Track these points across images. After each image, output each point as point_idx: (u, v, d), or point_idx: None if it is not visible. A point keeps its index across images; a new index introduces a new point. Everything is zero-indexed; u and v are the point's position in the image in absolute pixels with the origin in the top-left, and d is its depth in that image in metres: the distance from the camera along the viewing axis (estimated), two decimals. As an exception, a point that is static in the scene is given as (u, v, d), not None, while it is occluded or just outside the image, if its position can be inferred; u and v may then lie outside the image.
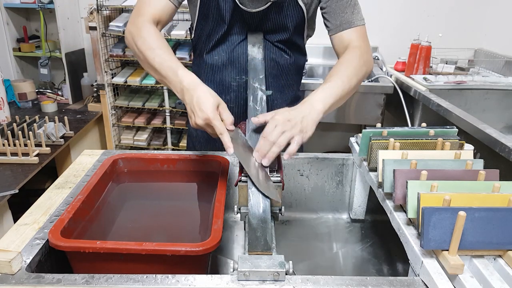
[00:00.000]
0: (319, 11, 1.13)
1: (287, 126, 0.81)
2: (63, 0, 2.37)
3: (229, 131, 0.82)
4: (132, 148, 2.49)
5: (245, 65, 1.12)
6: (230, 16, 1.06)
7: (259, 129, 0.87)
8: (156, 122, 2.46)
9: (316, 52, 2.44)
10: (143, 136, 2.48)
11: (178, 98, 2.47)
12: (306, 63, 1.33)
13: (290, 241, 1.07)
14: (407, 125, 1.75)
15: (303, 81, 1.93)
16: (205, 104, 0.82)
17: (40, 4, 2.35)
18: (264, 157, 0.80)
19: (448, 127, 0.93)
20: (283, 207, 0.80)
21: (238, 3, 1.03)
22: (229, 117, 0.84)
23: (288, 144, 0.82)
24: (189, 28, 1.15)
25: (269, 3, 1.02)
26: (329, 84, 0.94)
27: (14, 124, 1.86)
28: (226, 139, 0.81)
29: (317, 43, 1.71)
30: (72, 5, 2.50)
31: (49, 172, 2.15)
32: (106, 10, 2.28)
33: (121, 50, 2.32)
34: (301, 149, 1.34)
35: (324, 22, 1.12)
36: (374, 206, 1.09)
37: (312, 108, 0.88)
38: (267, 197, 0.75)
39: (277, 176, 0.79)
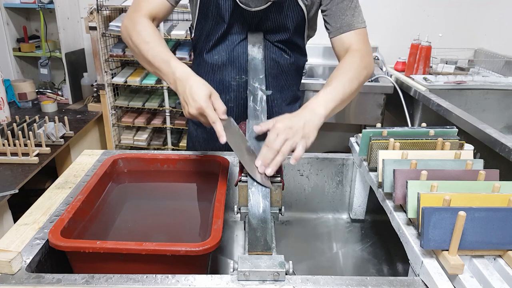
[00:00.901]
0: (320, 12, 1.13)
1: (290, 134, 0.81)
2: (63, 0, 2.37)
3: (221, 120, 0.83)
4: (132, 148, 2.49)
5: (245, 65, 1.12)
6: (229, 15, 1.06)
7: (259, 136, 0.87)
8: (156, 122, 2.46)
9: (316, 52, 2.44)
10: (143, 136, 2.48)
11: (178, 98, 2.47)
12: (306, 63, 1.33)
13: (290, 241, 1.07)
14: (407, 125, 1.75)
15: (303, 81, 1.94)
16: (197, 93, 0.84)
17: (40, 4, 2.35)
18: (268, 166, 0.79)
19: (448, 127, 0.93)
20: (283, 207, 0.80)
21: (238, 2, 1.03)
22: (221, 106, 0.85)
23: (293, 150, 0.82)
24: (189, 28, 1.15)
25: (269, 3, 1.02)
26: (330, 88, 0.93)
27: (14, 124, 1.86)
28: (218, 128, 0.82)
29: (317, 43, 1.71)
30: (72, 5, 2.50)
31: (49, 172, 2.15)
32: (106, 10, 2.28)
33: (121, 50, 2.32)
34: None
35: (325, 25, 1.12)
36: (374, 206, 1.09)
37: (314, 113, 0.87)
38: (261, 184, 0.77)
39: (277, 176, 0.80)
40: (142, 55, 0.96)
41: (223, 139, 0.82)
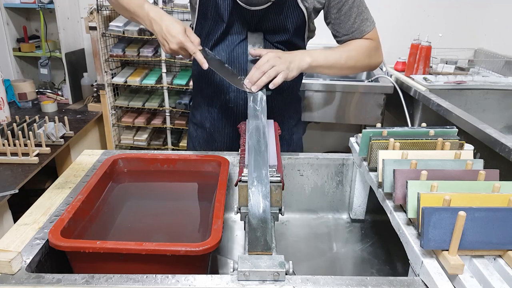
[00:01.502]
0: (320, 13, 1.13)
1: (277, 62, 0.95)
2: (63, 0, 2.37)
3: (199, 51, 0.97)
4: (132, 148, 2.49)
5: (245, 65, 1.12)
6: (228, 14, 1.06)
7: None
8: (156, 122, 2.46)
9: (316, 52, 2.44)
10: (143, 136, 2.48)
11: (179, 98, 2.48)
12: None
13: (290, 241, 1.07)
14: (407, 125, 1.75)
15: (303, 81, 1.94)
16: (174, 30, 0.95)
17: (40, 4, 2.35)
18: (254, 84, 0.95)
19: (448, 127, 0.93)
20: (283, 207, 0.79)
21: (238, 0, 1.03)
22: (196, 39, 0.98)
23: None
24: (189, 27, 1.15)
25: (269, 3, 1.02)
26: (328, 51, 1.07)
27: (14, 124, 1.86)
28: (199, 57, 0.96)
29: (317, 43, 1.71)
30: (72, 5, 2.50)
31: (49, 172, 2.15)
32: (106, 10, 2.28)
33: (121, 50, 2.32)
34: (301, 149, 1.35)
35: (333, 33, 1.13)
36: (374, 206, 1.09)
37: (302, 58, 1.02)
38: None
39: (277, 176, 0.79)
40: (119, 3, 1.06)
41: (205, 65, 0.95)
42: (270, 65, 0.95)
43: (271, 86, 0.96)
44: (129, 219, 0.88)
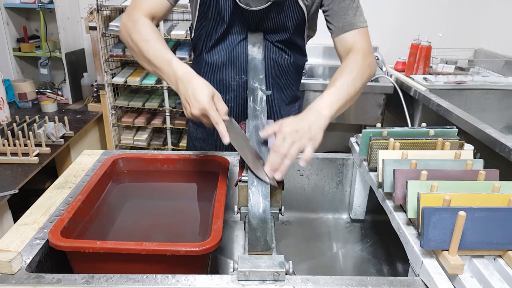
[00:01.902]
0: (320, 13, 1.13)
1: (296, 137, 0.81)
2: (63, 0, 2.37)
3: (224, 121, 0.83)
4: (132, 148, 2.49)
5: (245, 65, 1.12)
6: (229, 15, 1.06)
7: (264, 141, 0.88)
8: (156, 122, 2.46)
9: (316, 52, 2.44)
10: (143, 136, 2.48)
11: (179, 98, 2.47)
12: (306, 63, 1.33)
13: (290, 241, 1.07)
14: (407, 125, 1.75)
15: (303, 81, 1.94)
16: (200, 94, 0.83)
17: (40, 4, 2.35)
18: (277, 170, 0.78)
19: (448, 127, 0.93)
20: (283, 207, 0.80)
21: (238, 1, 1.03)
22: (223, 107, 0.85)
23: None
24: (189, 28, 1.15)
25: (270, 3, 1.02)
26: (334, 89, 0.93)
27: (14, 124, 1.86)
28: (222, 129, 0.82)
29: (317, 43, 1.71)
30: (72, 5, 2.50)
31: (49, 172, 2.15)
32: (106, 10, 2.28)
33: (121, 50, 2.32)
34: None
35: (327, 25, 1.11)
36: (374, 206, 1.09)
37: (319, 114, 0.87)
38: (261, 179, 0.77)
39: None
40: (142, 54, 0.95)
41: (226, 139, 0.81)
42: (290, 144, 0.80)
43: (302, 163, 0.81)
44: (129, 219, 0.88)
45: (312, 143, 0.83)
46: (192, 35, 1.20)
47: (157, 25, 1.08)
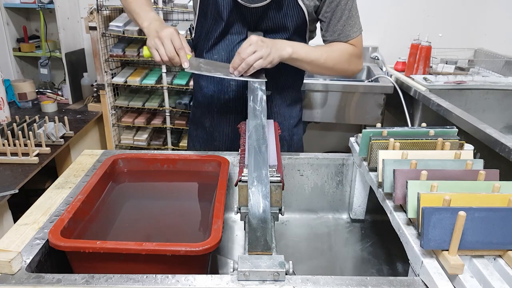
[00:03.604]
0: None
1: (259, 46, 0.95)
2: (63, 0, 2.37)
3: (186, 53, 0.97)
4: (132, 148, 2.49)
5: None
6: (228, 12, 1.06)
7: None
8: (156, 122, 2.46)
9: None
10: (143, 136, 2.48)
11: (179, 98, 2.47)
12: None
13: (290, 241, 1.07)
14: (407, 125, 1.75)
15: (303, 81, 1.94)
16: (168, 27, 0.98)
17: (40, 4, 2.35)
18: (235, 70, 0.97)
19: (448, 127, 0.93)
20: (283, 207, 0.79)
21: None
22: (187, 46, 0.99)
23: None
24: (189, 28, 1.15)
25: (269, 0, 1.02)
26: (311, 47, 1.07)
27: (14, 124, 1.86)
28: (182, 54, 0.96)
29: (317, 43, 1.71)
30: (72, 5, 2.50)
31: (49, 172, 2.15)
32: (106, 10, 2.28)
33: (121, 50, 2.32)
34: (301, 149, 1.35)
35: (322, 33, 1.14)
36: (374, 206, 1.09)
37: (284, 46, 1.01)
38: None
39: (277, 176, 0.79)
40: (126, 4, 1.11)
41: (186, 64, 0.96)
42: (252, 51, 0.95)
43: (249, 71, 0.98)
44: (129, 219, 0.88)
45: (267, 59, 0.96)
46: (193, 35, 1.20)
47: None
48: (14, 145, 1.75)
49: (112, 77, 2.40)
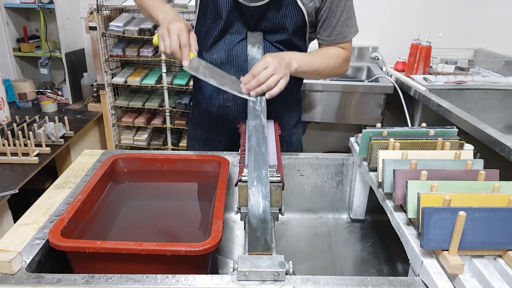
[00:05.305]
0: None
1: (277, 69, 0.93)
2: (63, 0, 2.37)
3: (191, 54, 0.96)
4: (132, 148, 2.49)
5: (244, 65, 1.12)
6: (227, 11, 1.06)
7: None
8: (156, 122, 2.46)
9: (316, 52, 2.44)
10: (143, 136, 2.48)
11: (179, 98, 2.47)
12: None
13: (290, 241, 1.07)
14: (407, 125, 1.75)
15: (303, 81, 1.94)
16: (180, 22, 0.96)
17: (40, 4, 2.35)
18: (253, 91, 0.93)
19: (448, 127, 0.93)
20: (283, 207, 0.79)
21: None
22: (196, 44, 0.98)
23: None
24: (190, 28, 1.16)
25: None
26: (310, 57, 1.09)
27: (14, 124, 1.86)
28: (185, 51, 0.95)
29: (317, 44, 1.71)
30: (72, 5, 2.50)
31: (49, 172, 2.15)
32: (106, 10, 2.28)
33: (121, 50, 2.32)
34: (300, 149, 1.35)
35: (317, 36, 1.14)
36: (374, 206, 1.09)
37: (291, 63, 1.00)
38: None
39: (277, 176, 0.79)
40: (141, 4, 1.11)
41: (186, 62, 0.95)
42: (270, 74, 0.92)
43: (267, 96, 0.94)
44: (129, 219, 0.88)
45: (284, 81, 0.94)
46: (192, 34, 1.20)
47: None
48: (14, 145, 1.75)
49: (112, 77, 2.40)
